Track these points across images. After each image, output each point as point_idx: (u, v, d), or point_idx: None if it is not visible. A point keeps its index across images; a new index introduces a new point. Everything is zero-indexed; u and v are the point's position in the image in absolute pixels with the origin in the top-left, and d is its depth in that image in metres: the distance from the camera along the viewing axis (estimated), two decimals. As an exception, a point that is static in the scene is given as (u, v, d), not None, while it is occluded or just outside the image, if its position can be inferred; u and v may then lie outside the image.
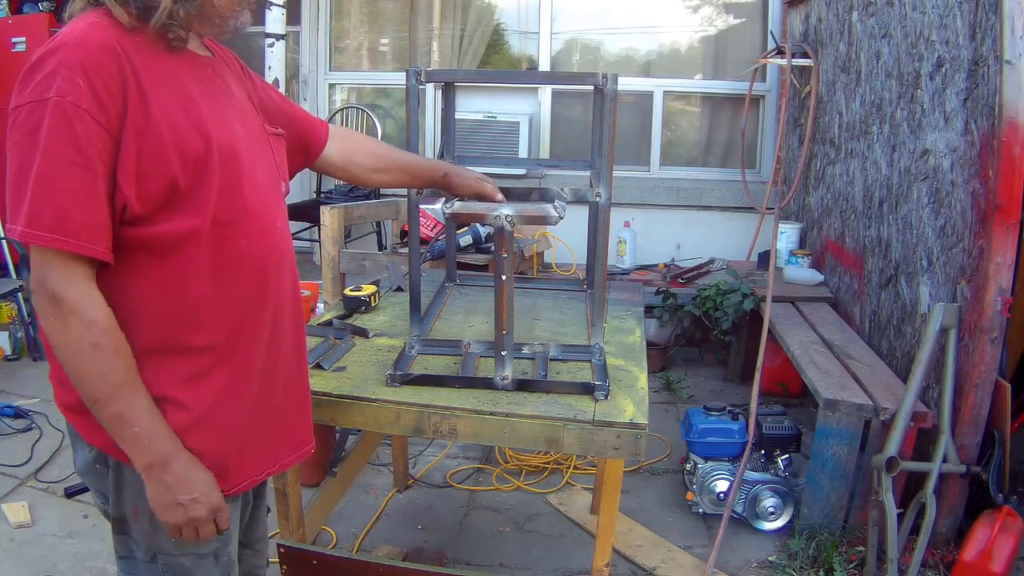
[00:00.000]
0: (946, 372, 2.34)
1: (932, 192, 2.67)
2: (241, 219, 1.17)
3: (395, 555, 2.38)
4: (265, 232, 1.21)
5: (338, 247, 3.18)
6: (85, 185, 1.03)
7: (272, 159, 1.30)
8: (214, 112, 1.16)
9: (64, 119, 1.01)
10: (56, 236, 1.02)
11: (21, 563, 2.34)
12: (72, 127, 1.01)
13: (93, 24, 1.06)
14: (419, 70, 1.72)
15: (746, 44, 5.02)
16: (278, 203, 1.27)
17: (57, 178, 1.02)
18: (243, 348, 1.20)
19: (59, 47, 1.03)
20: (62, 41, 1.04)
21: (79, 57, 1.02)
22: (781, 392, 3.63)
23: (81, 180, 1.02)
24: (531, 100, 5.09)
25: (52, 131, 1.01)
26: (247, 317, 1.20)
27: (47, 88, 1.01)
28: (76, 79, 1.01)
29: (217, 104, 1.18)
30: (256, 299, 1.21)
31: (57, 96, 1.01)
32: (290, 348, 1.30)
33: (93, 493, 1.26)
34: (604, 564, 1.70)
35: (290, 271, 1.28)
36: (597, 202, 1.71)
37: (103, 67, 1.03)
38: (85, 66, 1.02)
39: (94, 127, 1.02)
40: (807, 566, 2.40)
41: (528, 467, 2.99)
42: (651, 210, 4.84)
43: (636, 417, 1.55)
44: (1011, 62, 2.20)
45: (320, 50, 5.30)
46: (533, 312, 2.18)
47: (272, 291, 1.23)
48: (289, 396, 1.31)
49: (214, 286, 1.15)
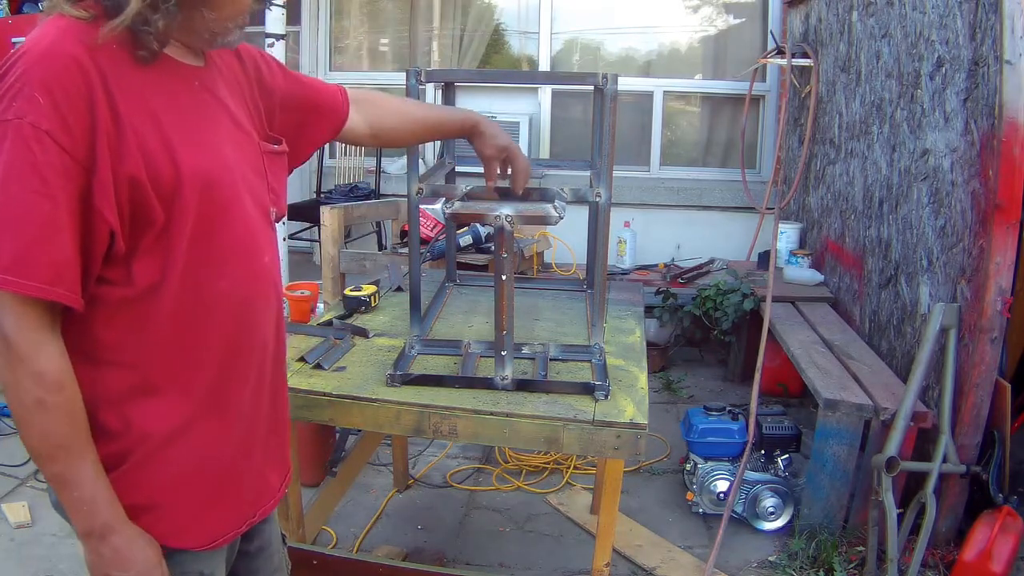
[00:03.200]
0: (946, 372, 2.34)
1: (932, 192, 2.67)
2: (225, 258, 1.06)
3: (395, 555, 2.38)
4: (250, 272, 1.10)
5: (338, 247, 3.18)
6: (46, 218, 0.91)
7: (265, 183, 1.17)
8: (196, 134, 1.04)
9: (23, 143, 0.89)
10: (10, 278, 0.90)
11: (21, 563, 2.34)
12: (31, 152, 0.89)
13: (61, 30, 0.94)
14: (419, 70, 1.72)
15: (746, 44, 5.02)
16: (267, 234, 1.15)
17: (15, 209, 0.90)
18: (224, 397, 1.10)
19: (20, 58, 0.92)
20: (24, 51, 0.92)
21: (41, 72, 0.90)
22: (781, 392, 3.63)
23: (41, 212, 0.90)
24: (531, 100, 5.09)
25: (11, 156, 0.90)
26: (229, 366, 1.10)
27: (5, 108, 0.90)
28: (36, 96, 0.90)
29: (203, 125, 1.06)
30: (239, 347, 1.11)
31: (16, 117, 0.89)
32: (271, 391, 1.20)
33: None
34: (604, 564, 1.70)
35: (275, 311, 1.18)
36: (597, 202, 1.71)
37: (68, 82, 0.91)
38: (47, 82, 0.90)
39: (55, 151, 0.90)
40: (807, 566, 2.40)
41: (528, 467, 2.98)
42: (651, 210, 4.84)
43: (636, 417, 1.55)
44: (1011, 62, 2.20)
45: (320, 50, 5.30)
46: (533, 312, 2.18)
47: (258, 337, 1.13)
48: (270, 443, 1.21)
49: (190, 334, 1.04)
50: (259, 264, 1.12)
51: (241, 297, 1.09)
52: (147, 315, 1.01)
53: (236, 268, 1.08)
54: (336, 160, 5.11)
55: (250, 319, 1.12)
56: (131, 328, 1.01)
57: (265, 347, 1.16)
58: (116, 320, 1.00)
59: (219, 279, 1.06)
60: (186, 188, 0.99)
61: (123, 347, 1.01)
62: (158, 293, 1.01)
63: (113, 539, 1.02)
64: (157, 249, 1.00)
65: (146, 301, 1.01)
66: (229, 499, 1.15)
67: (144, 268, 0.99)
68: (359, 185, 4.87)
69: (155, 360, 1.03)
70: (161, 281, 1.01)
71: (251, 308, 1.12)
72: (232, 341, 1.10)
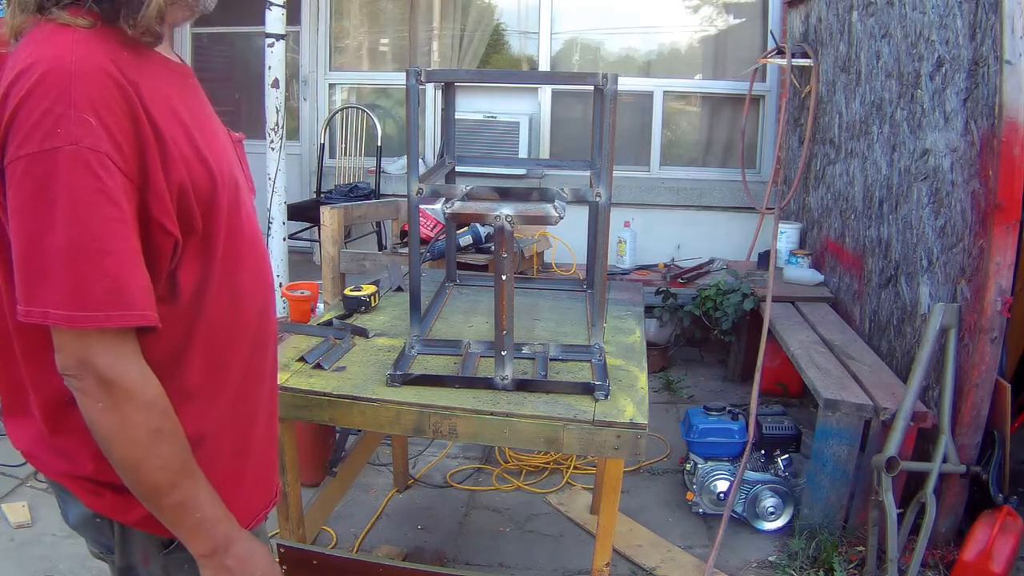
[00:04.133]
0: (946, 372, 2.34)
1: (932, 192, 2.67)
2: (242, 254, 1.05)
3: (395, 555, 2.38)
4: (258, 262, 1.10)
5: (338, 247, 3.18)
6: (129, 244, 0.87)
7: (242, 169, 1.15)
8: (211, 135, 1.02)
9: (86, 169, 0.83)
10: (112, 313, 0.86)
11: (21, 563, 2.34)
12: (99, 178, 0.84)
13: (78, 43, 0.87)
14: (419, 70, 1.72)
15: (746, 44, 5.02)
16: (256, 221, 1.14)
17: (96, 241, 0.85)
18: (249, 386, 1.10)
19: (45, 76, 0.84)
20: (48, 68, 0.84)
21: (83, 91, 0.84)
22: (781, 392, 3.63)
23: (124, 239, 0.87)
24: (531, 100, 5.09)
25: (75, 185, 0.83)
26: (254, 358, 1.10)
27: (51, 133, 0.83)
28: (86, 119, 0.83)
29: (210, 124, 1.05)
30: (263, 340, 1.11)
31: (70, 143, 0.83)
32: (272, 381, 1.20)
33: (90, 543, 1.13)
34: (604, 564, 1.70)
35: (272, 297, 1.17)
36: (597, 202, 1.71)
37: (111, 100, 0.86)
38: (93, 101, 0.84)
39: (119, 174, 0.86)
40: (807, 566, 2.40)
41: (528, 467, 2.98)
42: (651, 210, 4.84)
43: (636, 417, 1.55)
44: (1011, 62, 2.20)
45: (320, 50, 5.30)
46: (533, 312, 2.18)
47: (271, 327, 1.14)
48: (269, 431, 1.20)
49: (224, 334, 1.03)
50: (263, 253, 1.13)
51: (257, 288, 1.09)
52: (190, 324, 1.00)
53: (250, 261, 1.07)
54: (336, 160, 5.11)
55: (267, 310, 1.12)
56: (176, 339, 0.99)
57: (275, 337, 1.16)
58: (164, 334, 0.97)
59: (242, 274, 1.05)
60: (220, 191, 0.98)
61: (168, 359, 0.99)
62: (201, 300, 0.99)
63: (236, 549, 1.02)
64: (199, 257, 0.98)
65: (190, 310, 0.99)
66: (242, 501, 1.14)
67: (187, 277, 0.97)
68: (359, 185, 4.87)
69: (193, 365, 1.01)
70: (203, 288, 0.99)
71: (265, 299, 1.11)
72: (256, 334, 1.09)
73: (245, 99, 5.50)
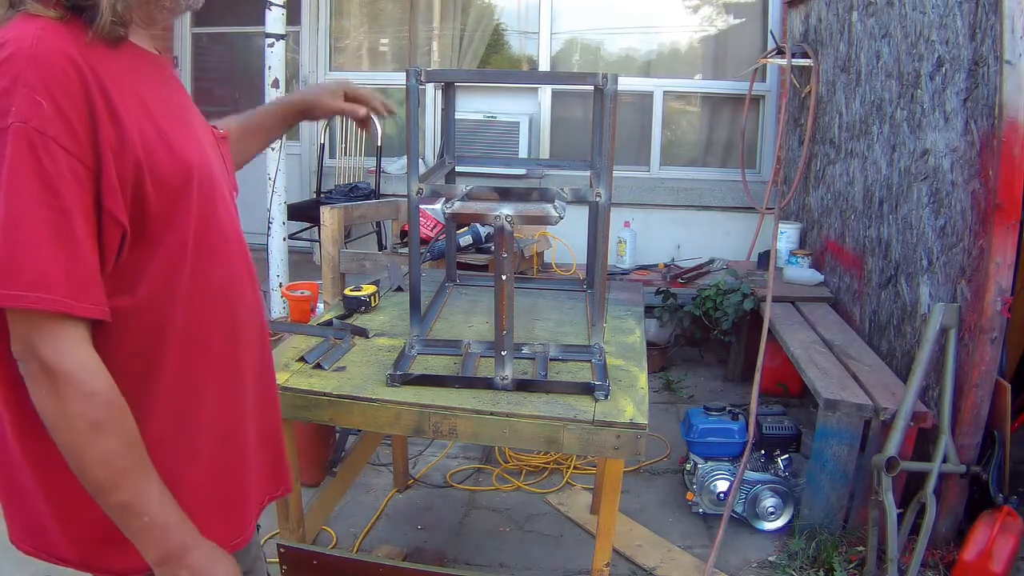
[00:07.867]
0: (946, 372, 2.34)
1: (932, 192, 2.67)
2: (215, 249, 1.03)
3: (395, 555, 2.38)
4: (239, 255, 1.09)
5: (338, 247, 3.18)
6: (59, 230, 0.86)
7: (224, 165, 1.15)
8: (181, 125, 1.01)
9: (28, 151, 0.84)
10: (42, 295, 0.85)
11: (21, 563, 2.33)
12: (38, 161, 0.85)
13: (44, 29, 0.88)
14: (419, 70, 1.71)
15: (746, 44, 5.03)
16: (237, 219, 1.13)
17: (26, 223, 0.85)
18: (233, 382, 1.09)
19: (7, 59, 0.86)
20: (11, 52, 0.86)
21: (39, 73, 0.85)
22: (781, 392, 3.63)
23: (54, 225, 0.86)
24: (531, 100, 5.09)
25: (14, 164, 0.84)
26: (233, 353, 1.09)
27: (3, 112, 0.84)
28: (38, 100, 0.84)
29: (183, 114, 1.04)
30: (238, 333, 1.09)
31: (18, 121, 0.84)
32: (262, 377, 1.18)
33: None
34: (604, 564, 1.70)
35: (253, 287, 1.14)
36: (597, 202, 1.71)
37: (67, 83, 0.86)
38: (48, 84, 0.85)
39: (64, 158, 0.86)
40: (807, 566, 2.40)
41: (528, 467, 2.98)
42: (651, 210, 4.84)
43: (636, 417, 1.55)
44: (1011, 62, 2.20)
45: (320, 50, 5.30)
46: (533, 312, 2.18)
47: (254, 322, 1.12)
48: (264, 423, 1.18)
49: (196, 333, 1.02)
50: (242, 248, 1.11)
51: (234, 284, 1.08)
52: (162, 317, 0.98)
53: (226, 255, 1.06)
54: (336, 160, 5.11)
55: (245, 306, 1.10)
56: (147, 332, 0.98)
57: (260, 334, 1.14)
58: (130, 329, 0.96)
59: (216, 268, 1.04)
60: (189, 183, 0.98)
61: (141, 351, 0.98)
62: (172, 293, 0.98)
63: (191, 558, 0.97)
64: (165, 248, 0.96)
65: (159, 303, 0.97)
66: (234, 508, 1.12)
67: (152, 268, 0.96)
68: (359, 185, 4.87)
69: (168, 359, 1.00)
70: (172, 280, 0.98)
71: (243, 295, 1.10)
72: (233, 329, 1.08)
73: (245, 99, 5.50)
